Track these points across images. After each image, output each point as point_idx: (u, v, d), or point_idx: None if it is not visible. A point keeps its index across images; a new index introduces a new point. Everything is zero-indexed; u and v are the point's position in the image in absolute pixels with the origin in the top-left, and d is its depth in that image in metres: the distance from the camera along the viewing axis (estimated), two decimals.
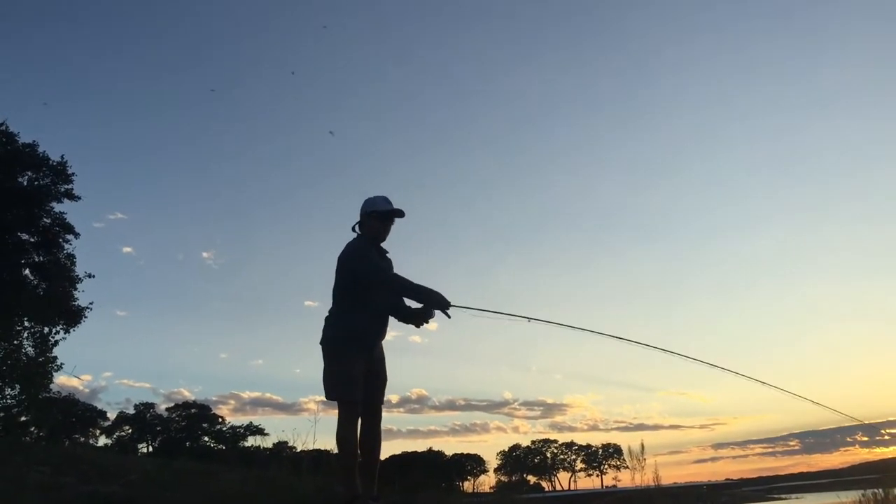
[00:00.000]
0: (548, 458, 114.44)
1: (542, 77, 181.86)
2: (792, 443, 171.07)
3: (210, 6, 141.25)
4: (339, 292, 5.14)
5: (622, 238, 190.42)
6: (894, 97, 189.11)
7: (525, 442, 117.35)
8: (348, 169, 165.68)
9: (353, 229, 5.25)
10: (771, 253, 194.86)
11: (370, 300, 5.07)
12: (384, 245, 5.30)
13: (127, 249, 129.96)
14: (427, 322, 5.20)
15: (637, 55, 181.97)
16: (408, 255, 5.40)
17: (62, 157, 20.24)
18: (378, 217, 5.15)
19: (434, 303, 5.00)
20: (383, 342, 5.32)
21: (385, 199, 5.20)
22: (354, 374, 4.98)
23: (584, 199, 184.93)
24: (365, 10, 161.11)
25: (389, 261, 5.35)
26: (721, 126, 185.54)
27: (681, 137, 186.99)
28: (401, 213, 5.19)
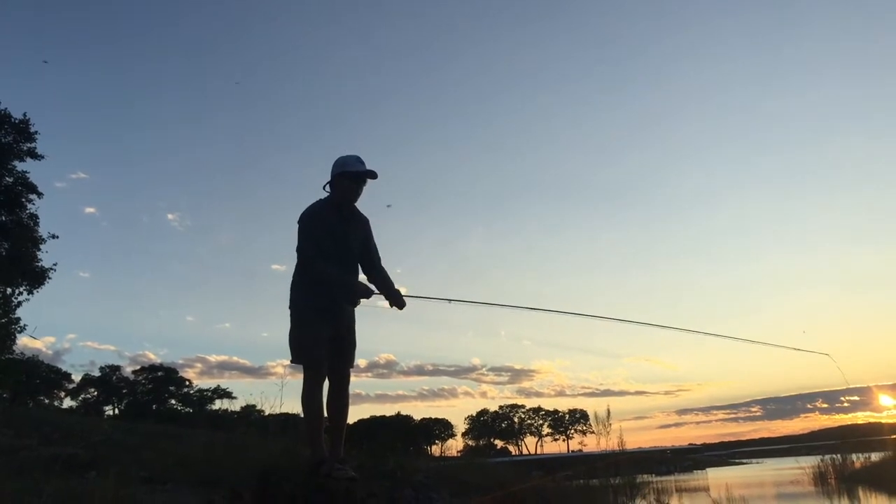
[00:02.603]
0: (515, 422, 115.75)
1: (509, 49, 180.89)
2: (754, 409, 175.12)
3: None
4: (298, 256, 5.08)
5: (589, 209, 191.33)
6: (860, 68, 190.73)
7: (493, 407, 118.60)
8: (316, 132, 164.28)
9: (324, 188, 5.14)
10: (734, 222, 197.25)
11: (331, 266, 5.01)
12: (357, 205, 5.21)
13: (89, 210, 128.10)
14: (355, 304, 5.22)
15: (604, 29, 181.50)
16: (377, 223, 5.34)
17: (25, 114, 19.84)
18: (349, 177, 5.03)
19: (360, 294, 5.09)
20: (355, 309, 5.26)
21: (357, 159, 5.06)
22: (319, 339, 4.94)
23: (551, 170, 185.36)
24: None
25: (365, 220, 5.28)
26: (686, 97, 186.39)
27: (645, 109, 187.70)
28: (373, 175, 5.05)
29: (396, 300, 5.19)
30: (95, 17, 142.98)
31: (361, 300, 5.17)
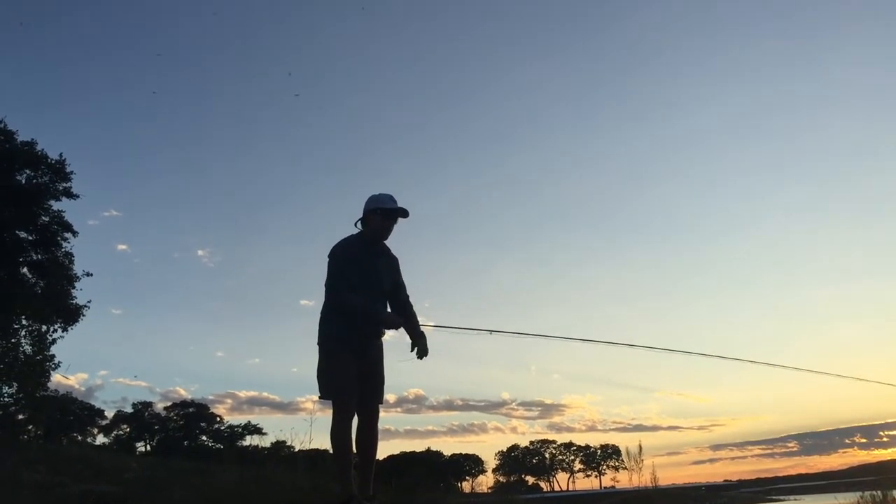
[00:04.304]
0: (546, 458, 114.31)
1: (540, 76, 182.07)
2: (790, 444, 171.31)
3: (208, 5, 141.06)
4: (327, 290, 5.12)
5: (621, 238, 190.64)
6: (893, 98, 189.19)
7: (523, 442, 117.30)
8: (345, 167, 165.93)
9: (356, 225, 5.22)
10: (769, 254, 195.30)
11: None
12: (387, 243, 5.26)
13: (122, 247, 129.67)
14: (420, 357, 5.16)
15: (636, 54, 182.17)
16: (405, 257, 5.38)
17: (61, 155, 20.20)
18: (381, 214, 5.11)
19: (389, 324, 5.10)
20: (383, 341, 5.28)
21: (390, 198, 5.16)
22: (348, 374, 4.95)
23: (582, 199, 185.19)
24: (366, 8, 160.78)
25: (395, 259, 5.33)
26: (720, 126, 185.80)
27: (680, 137, 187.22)
28: (405, 213, 5.15)
29: (419, 343, 5.15)
30: (124, 55, 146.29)
31: (390, 331, 5.19)
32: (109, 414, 79.28)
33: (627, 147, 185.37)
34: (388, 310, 5.24)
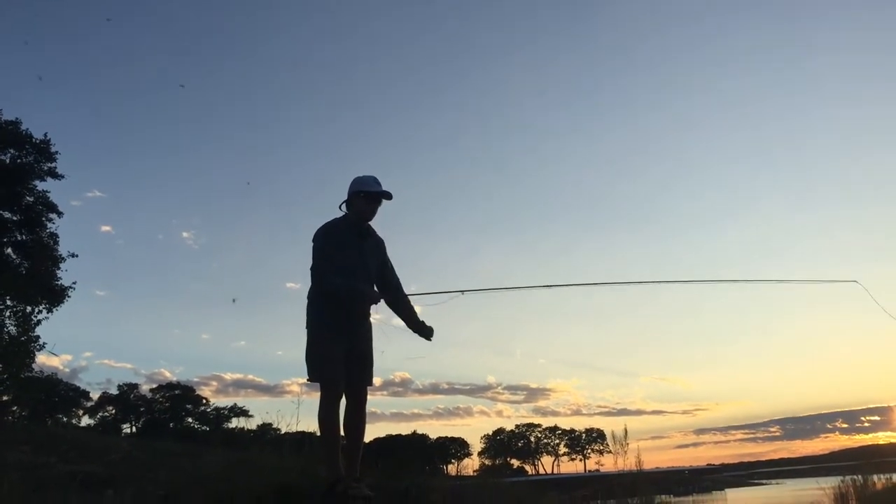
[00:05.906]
0: (531, 442, 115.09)
1: (530, 63, 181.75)
2: (773, 429, 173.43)
3: None
4: (312, 274, 5.09)
5: (607, 224, 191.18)
6: (878, 86, 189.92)
7: (509, 426, 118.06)
8: (331, 150, 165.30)
9: (340, 207, 5.21)
10: (752, 239, 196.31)
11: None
12: (372, 225, 5.25)
13: (105, 228, 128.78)
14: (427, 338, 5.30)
15: (622, 43, 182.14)
16: (394, 239, 5.38)
17: (45, 134, 20.05)
18: (365, 197, 5.11)
19: (372, 299, 5.08)
20: (372, 322, 5.26)
21: (374, 180, 5.14)
22: (335, 357, 4.95)
23: (568, 186, 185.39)
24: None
25: (381, 241, 5.32)
26: (702, 111, 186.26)
27: (665, 125, 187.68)
28: (388, 196, 5.13)
29: (422, 331, 5.29)
30: (109, 37, 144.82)
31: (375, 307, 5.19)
32: (94, 395, 79.13)
33: (615, 134, 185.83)
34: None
